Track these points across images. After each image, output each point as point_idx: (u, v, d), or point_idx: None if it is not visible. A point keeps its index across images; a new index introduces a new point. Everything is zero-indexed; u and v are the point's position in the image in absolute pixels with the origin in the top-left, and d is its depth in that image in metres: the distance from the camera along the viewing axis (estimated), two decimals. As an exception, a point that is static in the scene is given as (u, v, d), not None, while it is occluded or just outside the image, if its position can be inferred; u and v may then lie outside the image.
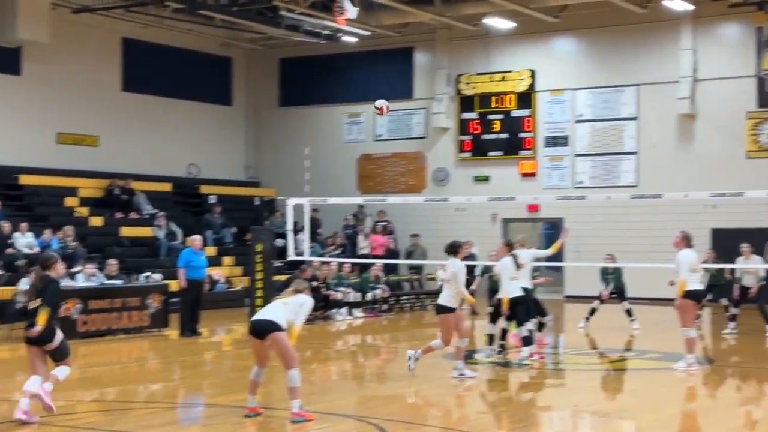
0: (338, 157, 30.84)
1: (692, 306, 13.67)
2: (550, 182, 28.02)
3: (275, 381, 11.93)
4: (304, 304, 10.24)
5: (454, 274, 12.74)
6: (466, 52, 29.24)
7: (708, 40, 26.37)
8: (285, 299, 10.26)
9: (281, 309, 10.10)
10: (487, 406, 11.71)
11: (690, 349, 13.56)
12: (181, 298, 18.37)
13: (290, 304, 10.16)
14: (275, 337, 9.90)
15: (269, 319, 10.01)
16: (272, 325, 9.94)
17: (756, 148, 25.75)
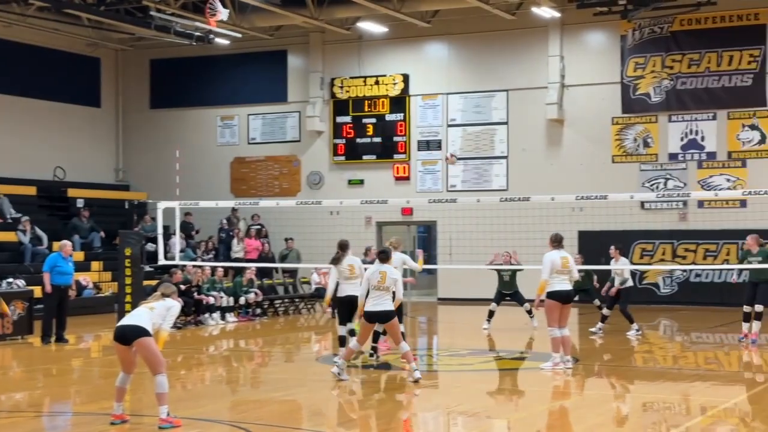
0: (211, 160, 30.49)
1: (556, 306, 13.87)
2: (424, 186, 28.31)
3: (144, 388, 11.70)
4: (172, 308, 10.07)
5: (395, 281, 12.67)
6: (340, 55, 29.31)
7: (575, 48, 27.07)
8: (152, 303, 10.06)
9: (148, 314, 9.91)
10: (358, 408, 11.72)
11: (555, 348, 13.86)
12: (45, 304, 17.83)
13: (157, 308, 9.97)
14: (142, 343, 9.72)
15: (135, 325, 9.81)
16: (138, 331, 9.75)
17: (620, 153, 26.55)
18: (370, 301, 12.68)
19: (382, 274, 12.66)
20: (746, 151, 25.43)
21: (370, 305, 12.68)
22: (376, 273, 12.73)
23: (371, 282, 12.73)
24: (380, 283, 12.62)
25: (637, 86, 26.36)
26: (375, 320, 12.79)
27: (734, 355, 16.37)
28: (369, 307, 12.67)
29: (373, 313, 12.68)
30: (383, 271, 12.70)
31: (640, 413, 10.99)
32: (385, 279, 12.62)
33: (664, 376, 13.86)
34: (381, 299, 12.66)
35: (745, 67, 25.34)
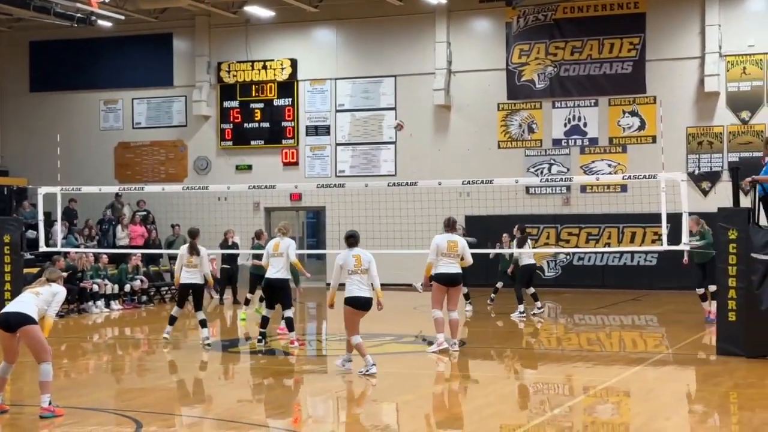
0: (94, 145, 29.84)
1: (440, 289, 13.96)
2: (312, 171, 28.25)
3: (25, 378, 11.42)
4: (57, 294, 9.87)
5: (370, 261, 12.27)
6: (227, 39, 28.98)
7: (462, 34, 27.35)
8: (37, 289, 9.83)
9: (33, 299, 9.70)
10: (247, 393, 11.66)
11: (438, 329, 13.98)
12: None
13: (43, 294, 9.77)
14: (27, 331, 9.52)
15: (20, 312, 9.59)
16: (24, 318, 9.54)
17: (506, 139, 26.96)
18: (349, 288, 12.02)
19: (356, 258, 12.08)
20: (626, 137, 26.10)
21: (351, 293, 12.07)
22: (350, 258, 12.10)
23: (346, 268, 12.06)
24: (357, 267, 12.03)
25: (522, 73, 26.79)
26: (360, 308, 12.19)
27: (615, 336, 16.83)
28: (351, 294, 12.06)
29: (355, 300, 12.11)
30: (356, 254, 12.12)
31: (525, 394, 11.21)
32: (360, 262, 12.15)
33: (547, 358, 14.16)
34: (362, 284, 12.12)
35: (625, 55, 25.99)
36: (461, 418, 10.03)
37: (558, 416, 9.87)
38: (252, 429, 9.33)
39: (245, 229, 24.44)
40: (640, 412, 10.26)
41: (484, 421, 9.77)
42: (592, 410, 10.34)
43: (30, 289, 9.93)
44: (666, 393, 11.24)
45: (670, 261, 21.90)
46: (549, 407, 10.50)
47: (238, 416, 9.86)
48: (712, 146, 25.49)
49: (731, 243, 13.30)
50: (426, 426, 9.53)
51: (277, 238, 14.78)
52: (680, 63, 25.78)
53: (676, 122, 25.07)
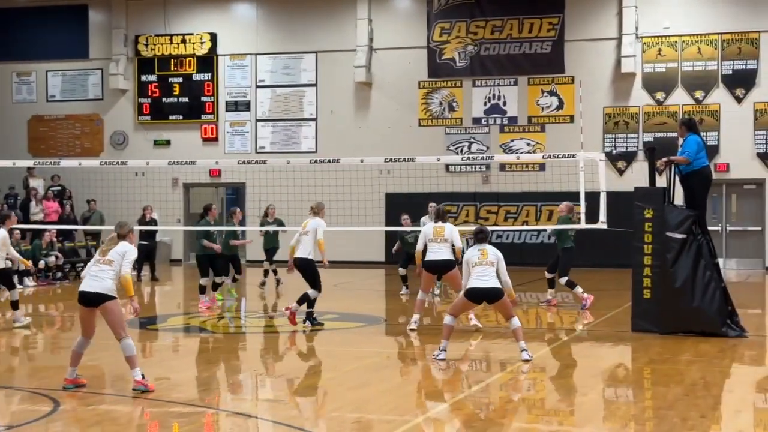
0: (7, 118, 29.14)
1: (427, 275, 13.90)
2: (232, 147, 28.02)
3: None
4: (127, 253, 9.86)
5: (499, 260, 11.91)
6: (145, 12, 28.51)
7: (383, 11, 27.32)
8: (108, 257, 9.77)
9: (108, 273, 9.73)
10: (165, 371, 11.54)
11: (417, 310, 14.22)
12: None
13: (114, 261, 9.75)
14: (106, 307, 9.70)
15: (98, 292, 9.68)
16: (102, 297, 9.68)
17: (427, 117, 27.06)
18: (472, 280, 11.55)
19: (482, 252, 11.62)
20: (545, 116, 26.41)
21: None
22: (475, 252, 11.64)
23: (471, 262, 11.58)
24: (482, 259, 11.53)
25: (443, 51, 26.88)
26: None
27: (532, 313, 17.05)
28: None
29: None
30: (483, 249, 11.62)
31: (445, 371, 11.30)
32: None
33: (465, 335, 14.28)
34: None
35: (544, 35, 26.26)
36: (383, 396, 10.06)
37: (476, 393, 9.98)
38: (172, 407, 9.23)
39: (163, 205, 24.17)
40: (557, 388, 10.42)
41: (409, 397, 9.82)
42: (510, 387, 10.47)
43: (102, 259, 9.81)
44: (582, 369, 11.44)
45: (586, 239, 22.25)
46: (467, 384, 10.60)
47: (158, 395, 9.75)
48: (628, 126, 25.93)
49: (647, 222, 13.55)
50: (350, 402, 9.55)
51: (309, 218, 14.56)
52: (598, 44, 26.16)
53: (594, 102, 25.45)
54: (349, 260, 25.86)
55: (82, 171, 25.82)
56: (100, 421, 8.75)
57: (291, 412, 9.21)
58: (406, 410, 9.27)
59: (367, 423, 8.75)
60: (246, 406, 9.51)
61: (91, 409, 9.12)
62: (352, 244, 25.13)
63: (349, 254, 25.77)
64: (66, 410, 8.91)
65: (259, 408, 9.48)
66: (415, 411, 9.25)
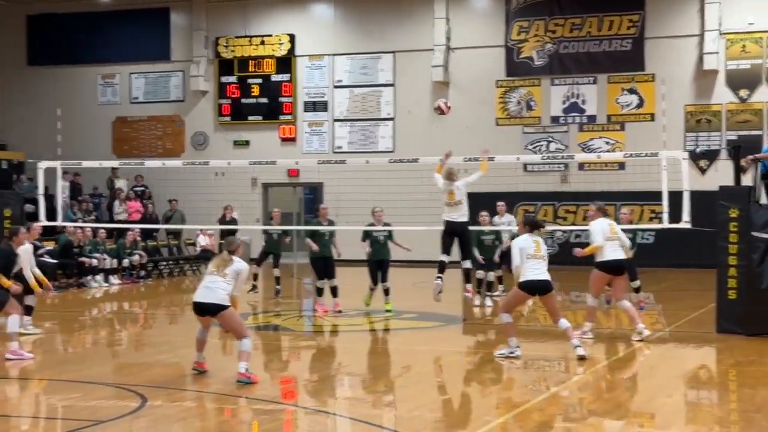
0: (92, 119, 29.77)
1: (602, 277, 13.10)
2: (310, 147, 28.23)
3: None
4: (241, 272, 10.29)
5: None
6: (225, 14, 28.88)
7: (460, 10, 27.27)
8: (224, 270, 10.20)
9: (222, 284, 10.17)
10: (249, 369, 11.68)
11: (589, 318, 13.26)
12: None
13: (229, 274, 10.20)
14: (223, 316, 10.23)
15: (214, 303, 10.13)
16: (217, 308, 10.18)
17: (504, 116, 26.93)
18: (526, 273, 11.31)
19: (536, 243, 11.42)
20: (625, 115, 26.10)
21: (527, 277, 11.36)
22: (530, 242, 11.44)
23: (526, 252, 11.39)
24: (536, 252, 11.42)
25: (521, 50, 26.73)
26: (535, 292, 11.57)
27: (612, 313, 16.86)
28: (526, 278, 11.34)
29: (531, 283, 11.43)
30: (536, 240, 11.44)
31: (522, 371, 11.24)
32: (539, 249, 11.51)
33: (546, 335, 14.19)
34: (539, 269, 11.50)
35: (624, 32, 25.94)
36: (463, 396, 10.06)
37: (558, 394, 9.91)
38: (254, 404, 9.35)
39: (243, 204, 24.45)
40: (642, 389, 10.30)
41: (489, 397, 9.80)
42: (593, 388, 10.38)
43: (216, 271, 10.24)
44: (666, 370, 11.29)
45: (668, 239, 21.95)
46: (549, 385, 10.53)
47: (239, 391, 9.89)
48: (710, 124, 25.49)
49: (732, 221, 13.31)
50: (428, 403, 9.56)
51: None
52: (679, 41, 25.75)
53: (675, 100, 25.06)
54: (427, 260, 25.83)
55: (164, 171, 26.29)
56: (186, 417, 8.91)
57: (370, 410, 9.26)
58: (486, 410, 9.25)
59: (447, 423, 8.76)
60: (325, 404, 9.59)
61: (177, 405, 9.29)
62: (430, 243, 25.02)
63: (427, 254, 25.73)
64: (153, 406, 9.08)
65: (338, 405, 9.55)
66: (495, 412, 9.22)
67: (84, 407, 9.10)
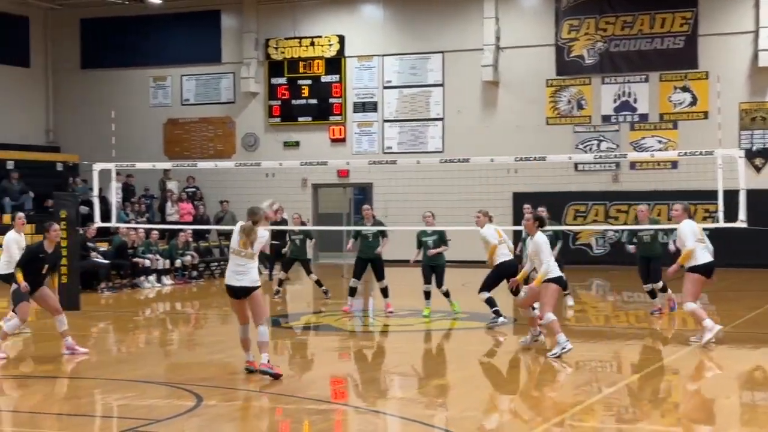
0: (144, 121, 30.09)
1: (699, 280, 12.54)
2: (360, 148, 28.29)
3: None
4: (261, 237, 10.31)
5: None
6: (274, 16, 29.03)
7: (510, 10, 27.16)
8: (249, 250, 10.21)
9: (251, 265, 10.22)
10: (298, 370, 11.75)
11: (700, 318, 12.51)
12: None
13: (256, 252, 10.27)
14: (252, 297, 10.27)
15: (246, 286, 10.22)
16: (249, 290, 10.25)
17: (555, 115, 26.78)
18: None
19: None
20: (677, 113, 25.82)
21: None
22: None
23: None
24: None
25: (572, 48, 26.56)
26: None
27: (665, 314, 16.69)
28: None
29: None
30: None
31: (577, 372, 11.17)
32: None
33: (598, 336, 14.11)
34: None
35: (677, 30, 25.67)
36: (515, 397, 10.02)
37: (610, 395, 9.83)
38: (307, 403, 9.40)
39: (294, 205, 24.51)
40: (695, 391, 10.19)
41: (541, 398, 9.76)
42: (647, 389, 10.28)
43: (244, 252, 10.23)
44: (723, 372, 11.15)
45: (722, 238, 21.64)
46: (602, 386, 10.45)
47: (290, 390, 9.94)
48: (765, 122, 25.14)
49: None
50: (479, 403, 9.54)
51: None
52: (733, 37, 25.42)
53: (729, 98, 24.68)
54: (477, 260, 25.77)
55: (215, 173, 26.49)
56: (241, 417, 8.99)
57: (422, 410, 9.26)
58: (539, 412, 9.21)
59: (500, 423, 8.74)
60: (377, 404, 9.60)
61: (231, 404, 9.37)
62: (480, 243, 25.01)
63: (477, 254, 25.67)
64: (208, 405, 9.16)
65: (390, 405, 9.56)
66: (548, 413, 9.17)
67: (140, 406, 9.22)
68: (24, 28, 30.18)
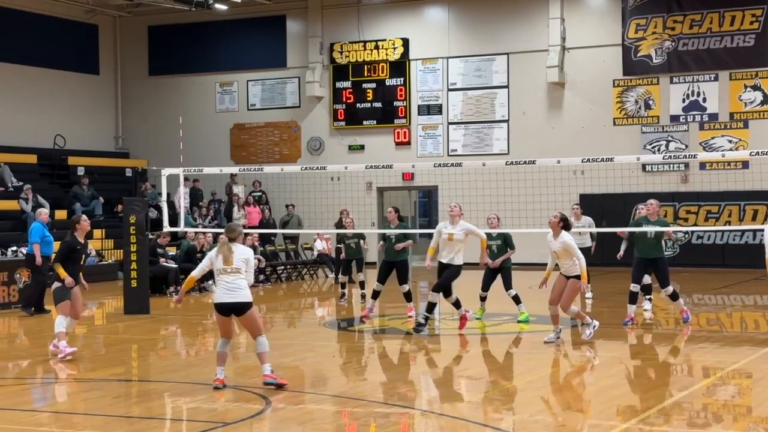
0: (211, 126, 30.43)
1: None
2: (425, 150, 28.27)
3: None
4: (248, 260, 10.08)
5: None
6: (339, 20, 29.15)
7: (576, 10, 26.93)
8: (234, 264, 9.92)
9: (242, 282, 9.95)
10: (364, 373, 11.76)
11: None
12: (35, 274, 17.44)
13: (242, 267, 9.98)
14: (247, 315, 10.04)
15: (240, 302, 9.94)
16: (244, 306, 9.99)
17: (622, 116, 26.49)
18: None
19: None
20: (748, 112, 25.38)
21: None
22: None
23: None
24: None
25: (639, 48, 26.25)
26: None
27: (737, 316, 16.41)
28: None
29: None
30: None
31: (644, 376, 11.02)
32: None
33: (669, 339, 13.90)
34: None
35: (747, 28, 25.23)
36: (584, 401, 9.91)
37: (682, 399, 9.68)
38: (373, 407, 9.40)
39: (359, 209, 24.62)
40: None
41: (608, 403, 9.64)
42: (721, 393, 10.10)
43: (228, 268, 9.94)
44: (796, 376, 10.91)
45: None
46: (672, 390, 10.30)
47: (360, 394, 9.96)
48: (839, 120, 24.59)
49: None
50: (548, 407, 9.45)
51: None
52: (805, 35, 24.90)
53: (802, 96, 24.25)
54: (544, 262, 25.58)
55: (280, 176, 26.69)
56: (309, 420, 9.02)
57: (490, 414, 9.20)
58: (608, 416, 9.09)
59: (570, 427, 8.65)
60: (444, 407, 9.57)
61: (299, 408, 9.41)
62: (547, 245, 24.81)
63: (545, 256, 25.49)
64: (276, 409, 9.21)
65: (457, 409, 9.52)
66: (618, 417, 9.05)
67: (209, 409, 9.30)
68: (93, 37, 30.73)
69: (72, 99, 29.87)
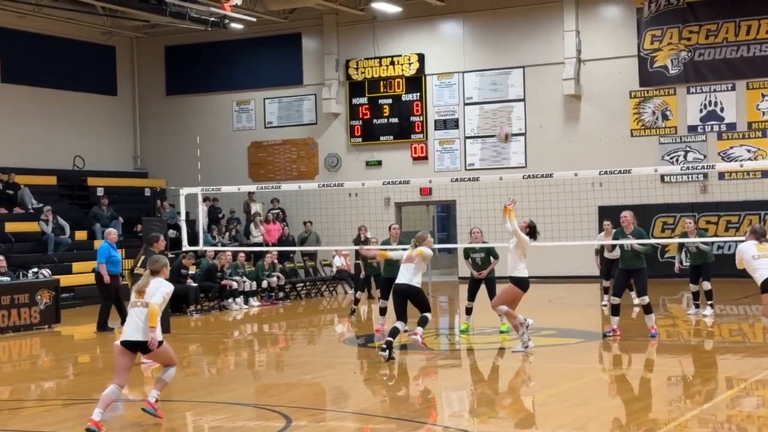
0: (228, 145, 30.52)
1: None
2: (442, 165, 28.27)
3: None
4: (159, 288, 9.24)
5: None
6: (354, 36, 29.24)
7: (591, 22, 26.92)
8: (144, 299, 9.19)
9: (145, 318, 9.16)
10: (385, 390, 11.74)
11: None
12: (103, 294, 17.64)
13: (151, 300, 9.16)
14: (157, 353, 9.31)
15: (142, 341, 9.19)
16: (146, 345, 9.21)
17: (639, 127, 26.43)
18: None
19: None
20: (766, 121, 25.25)
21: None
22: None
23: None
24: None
25: (655, 59, 26.20)
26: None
27: (759, 326, 16.30)
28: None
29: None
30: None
31: (667, 388, 10.96)
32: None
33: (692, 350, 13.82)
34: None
35: (763, 37, 25.13)
36: (607, 414, 9.86)
37: (706, 411, 9.61)
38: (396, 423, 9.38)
39: (377, 225, 24.61)
40: (794, 406, 9.90)
41: (634, 415, 9.59)
42: (745, 405, 10.03)
43: (140, 301, 9.25)
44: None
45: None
46: (700, 401, 10.24)
47: (381, 412, 9.94)
48: None
49: None
50: (573, 420, 9.41)
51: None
52: (822, 42, 24.79)
53: (820, 104, 24.13)
54: (563, 275, 25.56)
55: (298, 193, 26.74)
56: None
57: (512, 429, 9.17)
58: (632, 429, 9.04)
59: (592, 441, 8.60)
60: (465, 423, 9.54)
61: (321, 425, 9.39)
62: (565, 258, 24.78)
63: (563, 269, 25.47)
64: (298, 427, 9.20)
65: (479, 424, 9.49)
66: (641, 430, 9.00)
67: (231, 428, 9.30)
68: (110, 58, 30.91)
69: (90, 120, 30.03)
